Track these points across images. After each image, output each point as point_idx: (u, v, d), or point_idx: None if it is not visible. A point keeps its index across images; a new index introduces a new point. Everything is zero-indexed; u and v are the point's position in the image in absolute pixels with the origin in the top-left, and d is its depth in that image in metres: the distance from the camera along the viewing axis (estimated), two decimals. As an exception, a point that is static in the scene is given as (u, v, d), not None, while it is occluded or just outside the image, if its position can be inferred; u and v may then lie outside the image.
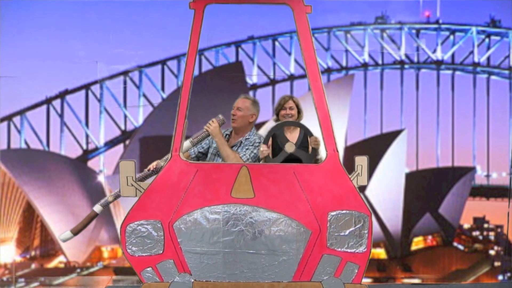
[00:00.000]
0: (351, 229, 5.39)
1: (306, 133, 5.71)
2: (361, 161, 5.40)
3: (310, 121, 6.10)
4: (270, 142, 5.74)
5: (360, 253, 5.38)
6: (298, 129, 5.92)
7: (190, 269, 5.40)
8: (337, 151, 5.40)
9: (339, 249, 5.38)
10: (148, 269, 5.42)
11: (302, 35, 5.51)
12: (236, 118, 6.00)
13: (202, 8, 5.50)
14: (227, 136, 6.07)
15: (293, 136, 5.89)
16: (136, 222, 5.46)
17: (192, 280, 5.39)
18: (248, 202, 5.38)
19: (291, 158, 5.58)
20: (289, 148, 5.58)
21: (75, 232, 6.09)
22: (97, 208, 5.99)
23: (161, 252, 5.42)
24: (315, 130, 5.73)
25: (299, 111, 6.09)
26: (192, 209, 5.41)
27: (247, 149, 5.87)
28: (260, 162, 5.77)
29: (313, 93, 5.45)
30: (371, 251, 5.38)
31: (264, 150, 5.65)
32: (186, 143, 5.87)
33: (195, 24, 5.52)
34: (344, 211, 5.38)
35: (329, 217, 5.38)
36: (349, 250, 5.38)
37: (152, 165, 5.91)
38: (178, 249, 5.41)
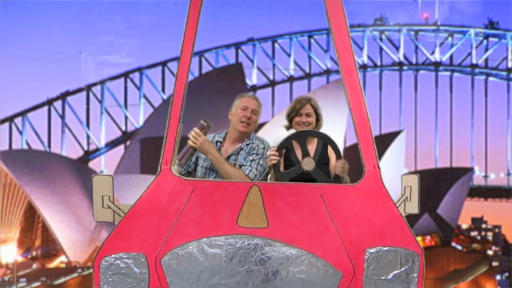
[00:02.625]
0: (395, 271, 3.91)
1: (329, 147, 4.30)
2: (411, 181, 3.97)
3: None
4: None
5: None
6: (316, 139, 4.49)
7: (183, 318, 3.95)
8: (379, 168, 3.95)
9: None
10: None
11: (332, 12, 4.07)
12: (250, 123, 4.65)
13: None
14: (219, 143, 4.70)
15: (309, 148, 4.48)
16: (113, 255, 4.04)
17: (185, 333, 3.94)
18: (260, 233, 3.93)
19: (305, 179, 4.17)
20: (307, 165, 4.13)
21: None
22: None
23: None
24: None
25: (318, 118, 4.66)
26: (186, 240, 3.97)
27: (252, 161, 4.50)
28: (269, 178, 4.34)
29: (347, 90, 4.01)
30: None
31: (273, 156, 4.22)
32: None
33: (192, 11, 4.12)
34: (386, 248, 3.92)
35: (366, 255, 3.91)
36: None
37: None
38: (167, 291, 3.96)
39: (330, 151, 4.39)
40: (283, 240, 3.91)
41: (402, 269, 3.92)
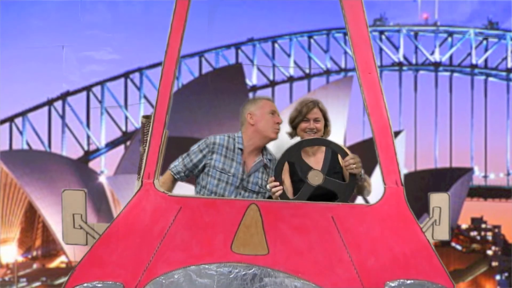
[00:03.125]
0: None
1: (336, 152, 3.61)
2: (441, 202, 3.29)
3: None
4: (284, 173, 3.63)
5: None
6: (323, 148, 3.79)
7: None
8: (402, 185, 3.27)
9: None
10: None
11: (349, 6, 3.39)
12: (279, 129, 3.94)
13: None
14: (240, 150, 3.92)
15: (316, 159, 3.81)
16: (86, 284, 3.37)
17: None
18: (259, 261, 3.26)
19: (319, 194, 3.46)
20: (314, 178, 3.43)
21: None
22: None
23: None
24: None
25: (326, 124, 3.97)
26: (172, 268, 3.30)
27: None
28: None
29: (364, 90, 3.33)
30: None
31: (275, 188, 3.50)
32: None
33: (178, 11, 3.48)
34: (410, 281, 3.23)
35: None
36: None
37: None
38: (149, 326, 3.29)
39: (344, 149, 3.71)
40: (287, 270, 3.23)
41: None
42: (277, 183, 3.48)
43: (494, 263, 40.65)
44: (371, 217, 3.26)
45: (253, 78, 40.99)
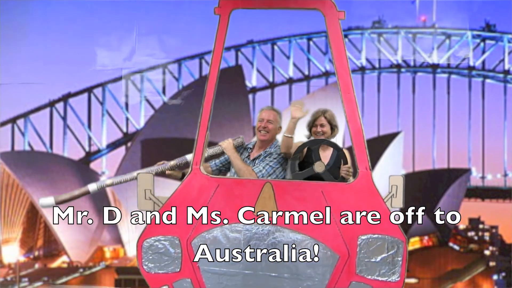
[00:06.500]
0: (383, 255, 4.86)
1: (339, 155, 5.25)
2: (396, 181, 4.92)
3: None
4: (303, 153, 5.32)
5: (393, 282, 4.84)
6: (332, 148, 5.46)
7: (208, 290, 4.96)
8: (370, 169, 4.91)
9: (369, 277, 4.85)
10: (164, 287, 4.95)
11: (334, 42, 5.04)
12: (268, 131, 5.48)
13: (228, 13, 5.06)
14: (250, 149, 5.60)
15: (325, 154, 5.36)
16: (153, 238, 5.01)
17: (210, 301, 4.93)
18: (272, 221, 4.92)
19: (316, 177, 5.11)
20: (318, 167, 5.09)
21: (58, 201, 5.45)
22: (92, 186, 5.44)
23: (178, 270, 4.98)
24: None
25: (333, 128, 5.54)
26: (212, 226, 4.95)
27: (262, 161, 5.41)
28: (286, 178, 5.29)
29: (344, 105, 4.98)
30: (404, 281, 4.88)
31: (296, 111, 5.22)
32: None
33: (220, 30, 5.10)
34: (376, 236, 4.87)
35: (359, 241, 4.87)
36: (380, 278, 4.84)
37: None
38: (196, 268, 4.94)
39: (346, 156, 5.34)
40: (291, 227, 4.89)
41: (389, 253, 4.87)
42: (301, 110, 5.22)
43: (492, 263, 41.18)
44: (348, 192, 4.94)
45: (252, 79, 41.52)
